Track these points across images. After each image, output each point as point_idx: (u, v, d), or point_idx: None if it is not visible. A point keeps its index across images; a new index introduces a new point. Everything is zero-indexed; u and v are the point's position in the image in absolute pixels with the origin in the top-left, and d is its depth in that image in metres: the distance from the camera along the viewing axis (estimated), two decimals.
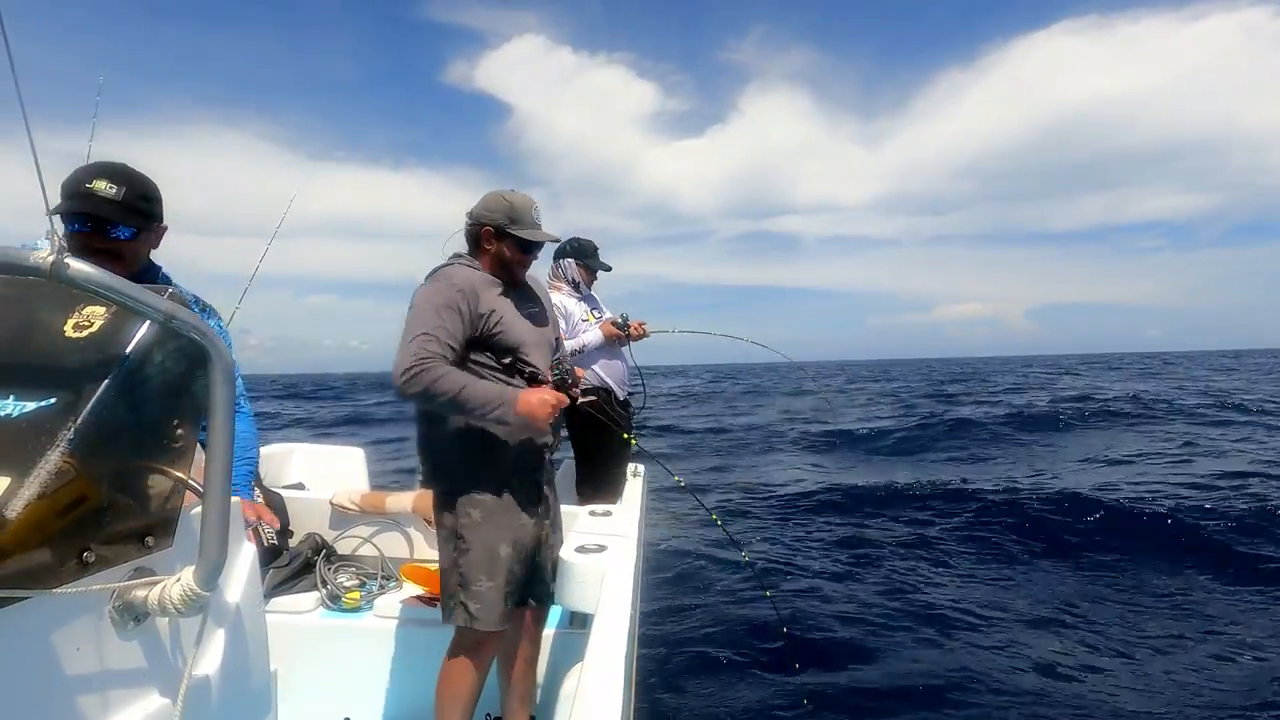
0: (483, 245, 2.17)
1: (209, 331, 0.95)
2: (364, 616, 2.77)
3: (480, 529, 2.05)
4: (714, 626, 4.70)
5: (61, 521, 0.87)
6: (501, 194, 2.17)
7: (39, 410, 0.91)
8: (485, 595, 2.03)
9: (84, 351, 0.99)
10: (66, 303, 1.03)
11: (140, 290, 0.89)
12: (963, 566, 5.97)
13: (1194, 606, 4.86)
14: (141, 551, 1.00)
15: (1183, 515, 6.64)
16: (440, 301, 1.98)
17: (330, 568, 2.98)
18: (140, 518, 1.00)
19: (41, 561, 0.85)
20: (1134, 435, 12.84)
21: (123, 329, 1.01)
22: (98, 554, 0.92)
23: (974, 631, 4.52)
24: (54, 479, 0.86)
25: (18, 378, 0.94)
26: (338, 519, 3.27)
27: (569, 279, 3.72)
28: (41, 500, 0.84)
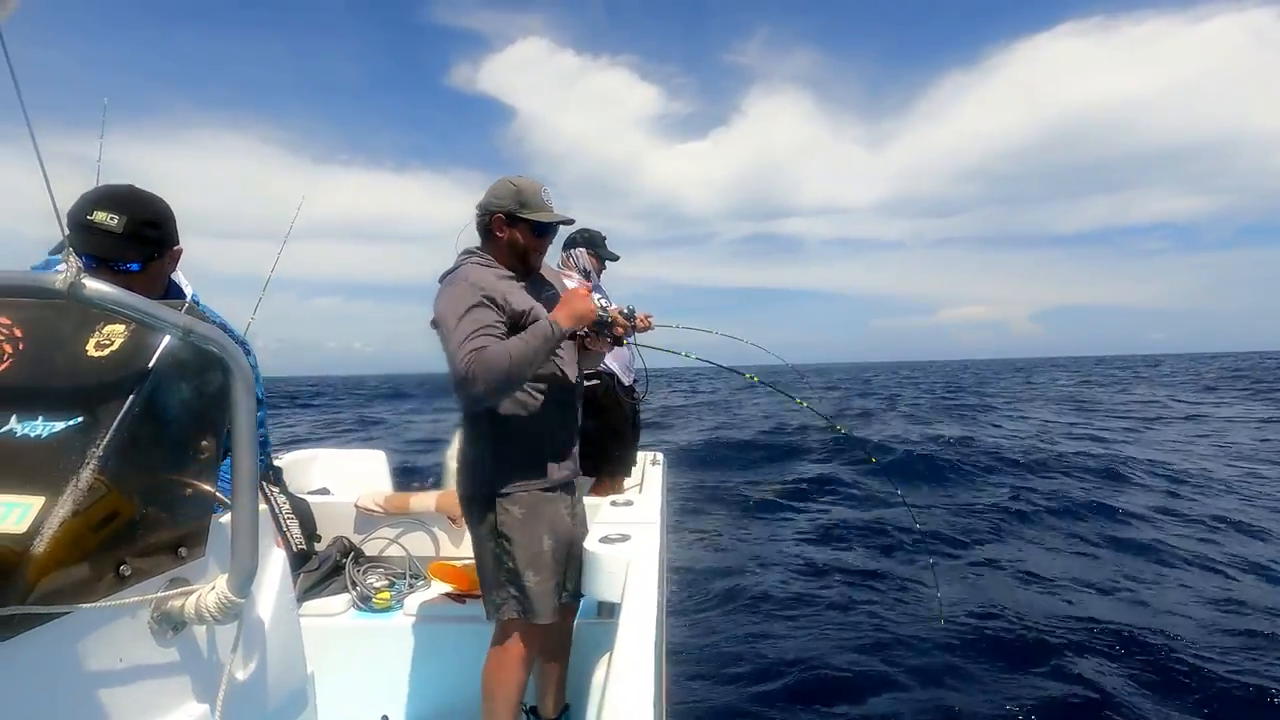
0: (494, 234, 2.11)
1: (227, 343, 0.96)
2: (395, 616, 2.80)
3: (523, 525, 2.05)
4: (744, 610, 4.73)
5: (97, 537, 0.89)
6: (509, 179, 2.12)
7: (67, 429, 0.92)
8: (535, 590, 2.04)
9: (107, 369, 1.00)
10: (87, 322, 1.05)
11: (157, 306, 0.90)
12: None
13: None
14: (176, 562, 1.02)
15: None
16: (465, 304, 1.94)
17: (359, 569, 3.02)
18: (172, 529, 1.02)
19: (80, 576, 0.87)
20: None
21: (143, 345, 1.02)
22: (134, 567, 0.94)
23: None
24: (86, 496, 0.87)
25: (45, 399, 0.96)
26: (363, 521, 3.31)
27: (580, 267, 3.78)
28: (76, 517, 0.85)
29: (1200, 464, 9.78)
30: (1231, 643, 3.97)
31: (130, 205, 1.56)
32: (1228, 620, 4.30)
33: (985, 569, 5.44)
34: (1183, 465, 9.56)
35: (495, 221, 2.10)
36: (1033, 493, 7.69)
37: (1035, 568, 5.35)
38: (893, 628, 4.36)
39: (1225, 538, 6.13)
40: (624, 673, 1.32)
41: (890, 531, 6.35)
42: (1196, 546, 5.81)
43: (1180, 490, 8.10)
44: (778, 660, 3.97)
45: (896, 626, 4.39)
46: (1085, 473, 8.83)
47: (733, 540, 6.47)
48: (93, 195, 1.56)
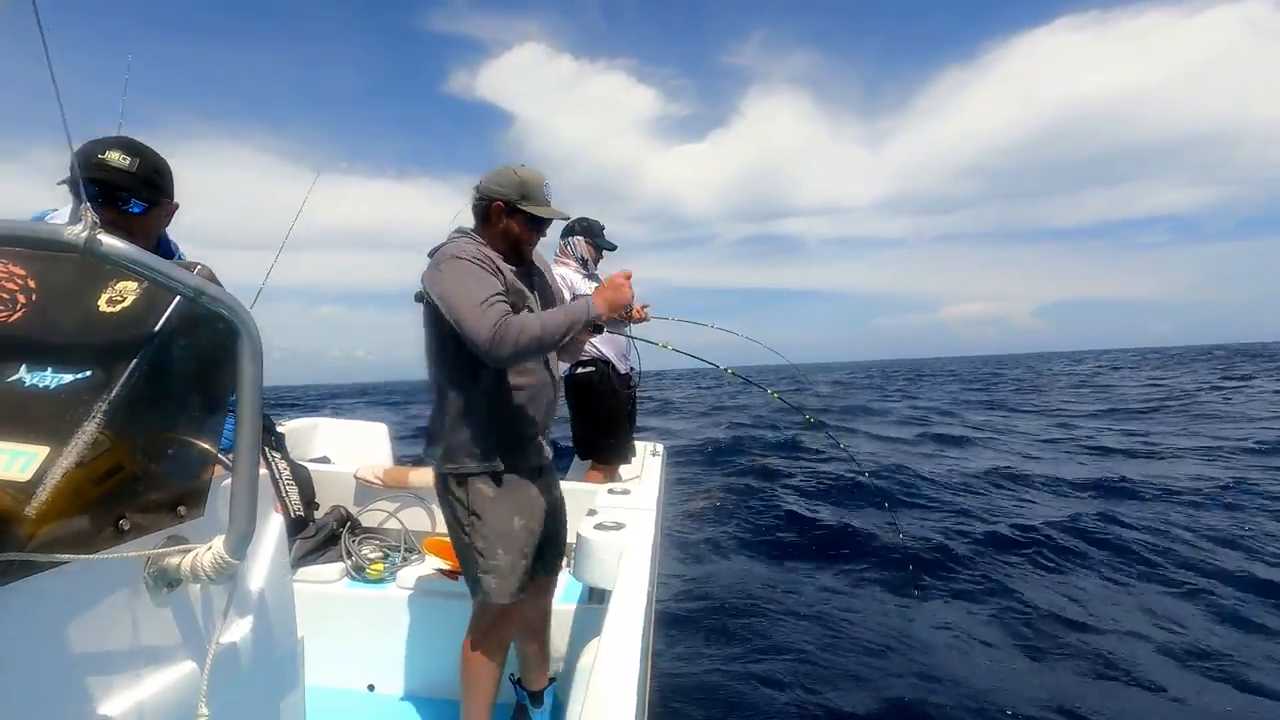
0: (491, 220, 2.12)
1: (238, 306, 0.97)
2: (387, 587, 2.83)
3: (493, 505, 2.07)
4: (732, 599, 4.75)
5: (98, 490, 0.90)
6: (513, 169, 2.12)
7: (76, 382, 0.93)
8: (503, 570, 2.07)
9: (118, 326, 1.01)
10: (100, 278, 1.06)
11: (170, 266, 0.91)
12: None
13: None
14: (174, 520, 1.04)
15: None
16: (471, 271, 1.96)
17: (355, 540, 3.05)
18: (173, 488, 1.03)
19: (79, 528, 0.88)
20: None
21: (155, 303, 1.03)
22: (133, 522, 0.95)
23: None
24: (91, 449, 0.88)
25: (55, 351, 0.97)
26: (362, 492, 3.33)
27: (577, 256, 3.81)
28: (79, 469, 0.86)
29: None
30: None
31: (142, 150, 1.64)
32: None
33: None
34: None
35: (495, 208, 2.10)
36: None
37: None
38: (879, 615, 4.39)
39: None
40: (611, 657, 1.33)
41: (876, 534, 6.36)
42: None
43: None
44: (763, 649, 4.00)
45: (883, 614, 4.42)
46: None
47: (725, 531, 6.49)
48: (104, 139, 1.61)
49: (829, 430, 4.12)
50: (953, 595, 4.81)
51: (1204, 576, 5.05)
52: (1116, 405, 18.38)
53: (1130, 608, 4.58)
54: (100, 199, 1.56)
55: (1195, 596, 4.70)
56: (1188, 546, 5.72)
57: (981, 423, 15.36)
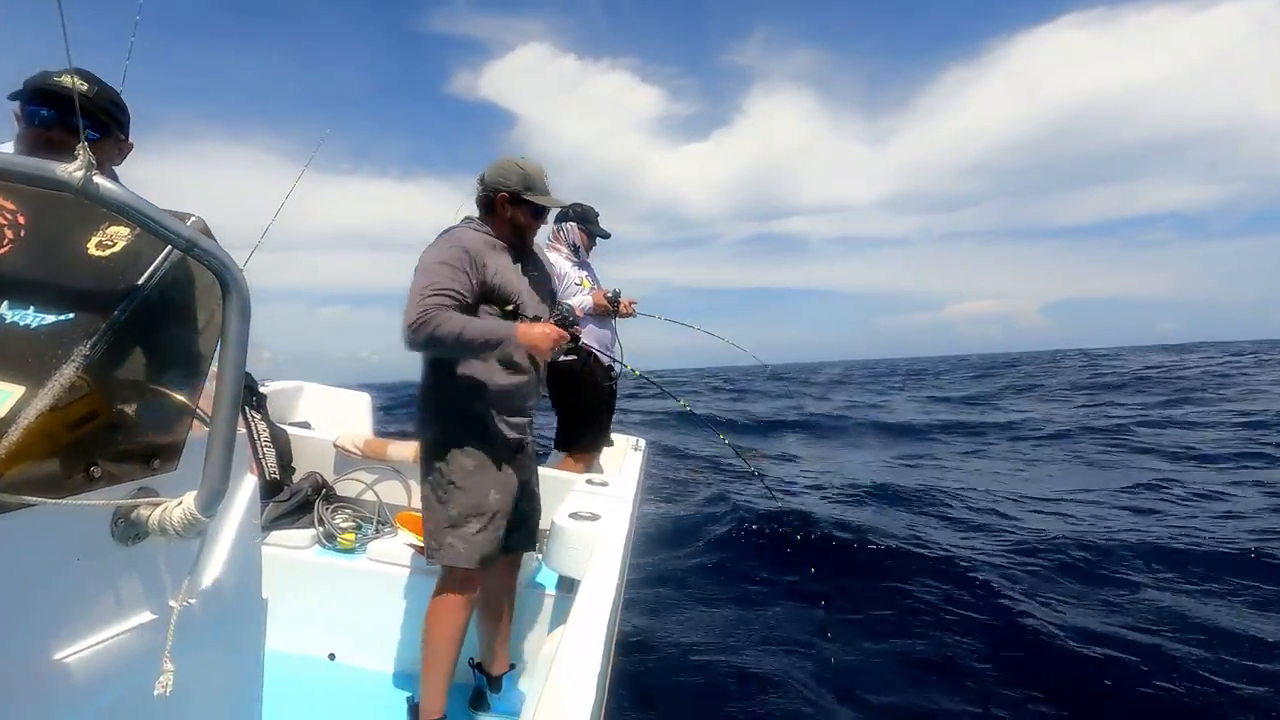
0: (497, 210, 2.22)
1: (229, 260, 0.95)
2: (357, 558, 2.82)
3: (472, 476, 2.15)
4: (698, 589, 4.79)
5: (71, 435, 0.89)
6: (515, 160, 2.22)
7: (58, 324, 0.92)
8: (474, 537, 2.13)
9: (105, 271, 0.99)
10: (90, 220, 1.04)
11: (164, 214, 0.89)
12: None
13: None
14: (147, 472, 1.02)
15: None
16: (444, 258, 2.07)
17: (328, 508, 3.03)
18: (148, 439, 1.02)
19: (50, 471, 0.86)
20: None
21: (144, 252, 1.01)
22: (104, 470, 0.94)
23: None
24: (67, 393, 0.87)
25: (40, 291, 0.96)
26: (340, 461, 3.32)
27: (569, 242, 3.79)
28: (54, 412, 0.85)
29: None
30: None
31: (100, 81, 1.62)
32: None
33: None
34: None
35: (500, 199, 2.20)
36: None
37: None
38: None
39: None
40: (574, 647, 1.34)
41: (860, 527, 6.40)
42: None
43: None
44: (726, 647, 4.02)
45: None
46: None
47: (697, 529, 6.52)
48: (62, 69, 1.56)
49: (712, 423, 4.16)
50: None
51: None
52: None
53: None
54: (55, 119, 1.51)
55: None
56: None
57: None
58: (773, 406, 15.01)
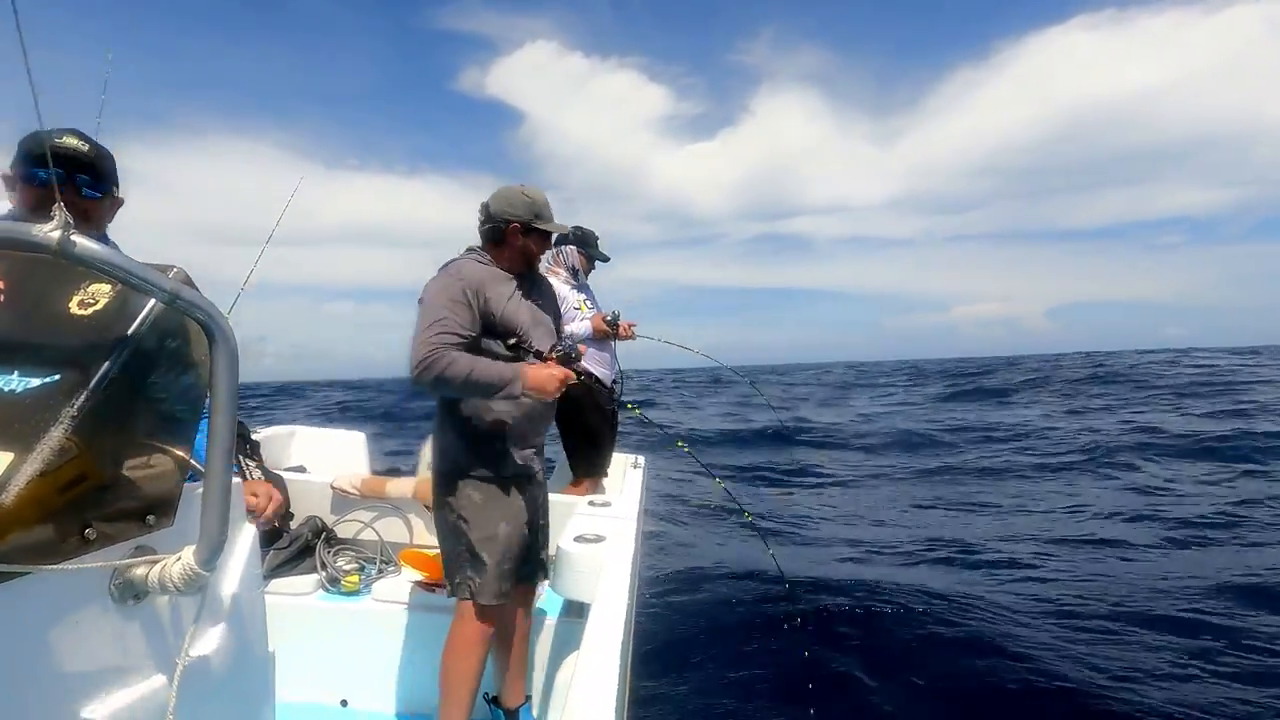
0: (508, 241, 2.24)
1: (214, 310, 0.95)
2: (362, 600, 2.78)
3: (481, 509, 2.15)
4: (711, 610, 4.73)
5: (63, 498, 0.87)
6: (520, 190, 2.24)
7: (43, 387, 0.91)
8: (489, 570, 2.12)
9: (89, 329, 0.99)
10: (71, 279, 1.03)
11: (145, 269, 0.89)
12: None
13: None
14: (143, 530, 1.01)
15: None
16: (448, 295, 2.08)
17: (330, 551, 2.99)
18: (142, 496, 1.00)
19: (43, 537, 0.85)
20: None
21: (128, 307, 1.01)
22: (99, 531, 0.92)
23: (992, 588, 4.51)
24: (56, 456, 0.86)
25: (23, 354, 0.94)
26: (338, 502, 3.28)
27: (568, 265, 3.79)
28: (44, 477, 0.84)
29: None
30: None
31: (95, 142, 1.65)
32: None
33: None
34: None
35: (511, 230, 2.22)
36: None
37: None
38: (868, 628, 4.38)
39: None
40: (589, 673, 1.32)
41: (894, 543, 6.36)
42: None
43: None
44: (747, 663, 3.97)
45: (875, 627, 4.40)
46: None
47: (704, 541, 6.48)
48: (56, 130, 1.59)
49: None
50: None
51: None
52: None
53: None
54: (60, 181, 1.53)
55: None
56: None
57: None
58: (774, 417, 14.70)
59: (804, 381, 43.87)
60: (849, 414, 18.08)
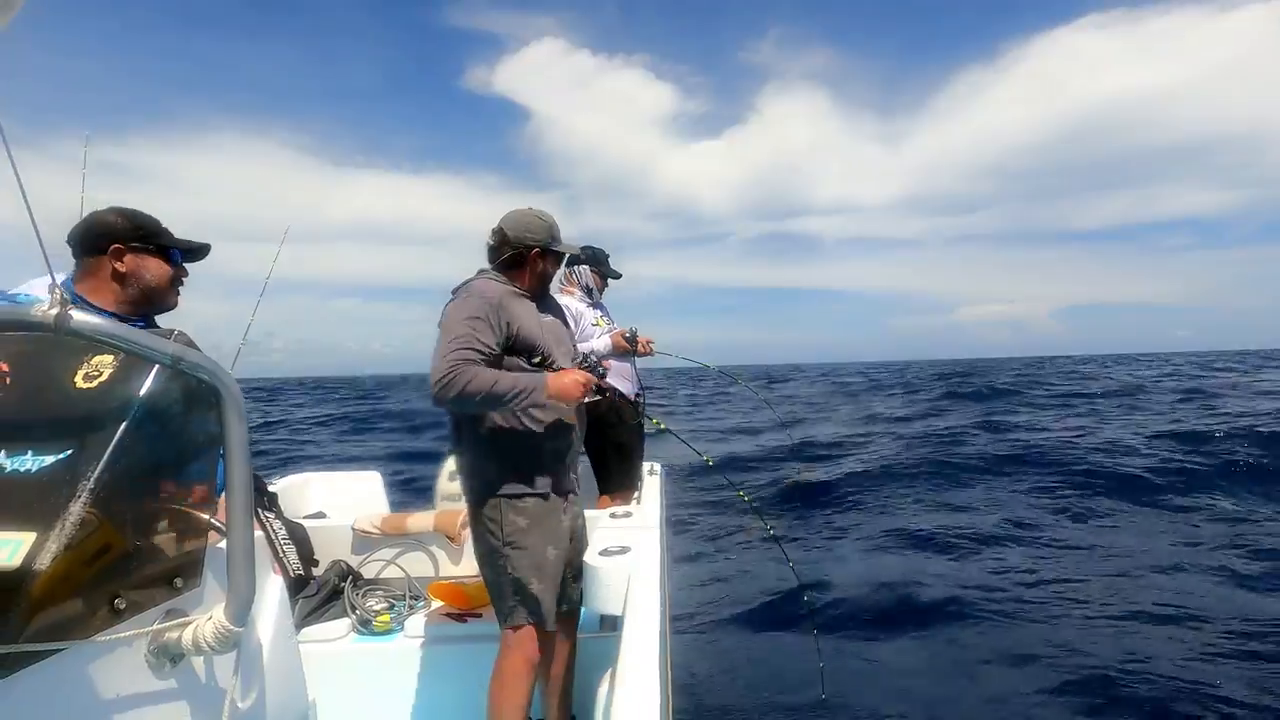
0: (530, 265, 2.25)
1: (217, 369, 0.95)
2: (396, 638, 2.77)
3: (528, 534, 2.11)
4: (745, 615, 4.70)
5: (89, 571, 0.88)
6: (536, 214, 2.26)
7: (57, 463, 0.91)
8: (538, 597, 2.09)
9: (96, 401, 0.99)
10: (74, 353, 1.04)
11: (145, 336, 0.90)
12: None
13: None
14: (171, 593, 1.01)
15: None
16: (469, 313, 2.06)
17: (358, 593, 2.99)
18: (166, 560, 1.01)
19: (74, 612, 0.85)
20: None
21: (132, 375, 1.01)
22: (128, 600, 0.93)
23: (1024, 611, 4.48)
24: (78, 530, 0.86)
25: (34, 433, 0.95)
26: (361, 544, 3.28)
27: (583, 284, 3.83)
28: (68, 552, 0.84)
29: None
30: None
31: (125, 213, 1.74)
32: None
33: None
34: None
35: (533, 256, 2.24)
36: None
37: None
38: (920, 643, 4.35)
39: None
40: (629, 686, 1.31)
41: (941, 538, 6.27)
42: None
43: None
44: (787, 670, 3.95)
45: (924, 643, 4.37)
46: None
47: (733, 548, 6.45)
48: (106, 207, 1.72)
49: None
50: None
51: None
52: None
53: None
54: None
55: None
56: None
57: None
58: (786, 434, 14.09)
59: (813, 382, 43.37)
60: (868, 422, 17.71)
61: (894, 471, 9.58)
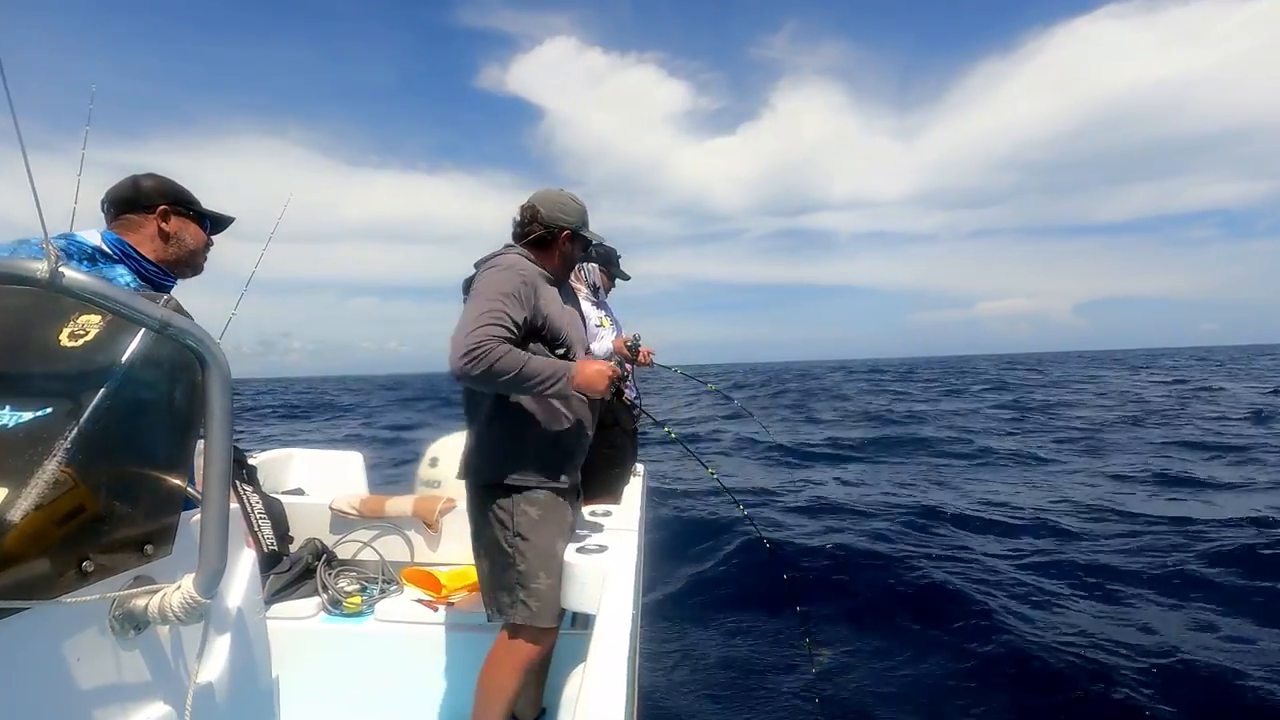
0: (559, 247, 2.20)
1: (205, 337, 0.94)
2: (365, 621, 2.76)
3: (539, 527, 2.04)
4: (718, 617, 4.71)
5: (60, 531, 0.87)
6: (570, 196, 2.21)
7: (36, 420, 0.90)
8: (546, 593, 2.02)
9: (80, 361, 0.98)
10: (61, 312, 1.03)
11: (135, 298, 0.89)
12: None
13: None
14: (141, 560, 1.00)
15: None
16: (505, 288, 1.96)
17: (331, 573, 2.98)
18: (139, 526, 1.00)
19: (41, 571, 0.84)
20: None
21: (118, 337, 1.00)
22: (97, 563, 0.92)
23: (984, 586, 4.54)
24: (52, 489, 0.85)
25: (14, 388, 0.94)
26: (338, 524, 3.26)
27: (590, 282, 3.81)
28: (39, 510, 0.83)
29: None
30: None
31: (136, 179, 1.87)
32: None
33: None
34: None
35: (564, 237, 2.18)
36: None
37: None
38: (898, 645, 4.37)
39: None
40: (597, 687, 1.31)
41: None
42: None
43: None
44: (753, 672, 3.96)
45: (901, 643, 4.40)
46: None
47: (710, 550, 6.46)
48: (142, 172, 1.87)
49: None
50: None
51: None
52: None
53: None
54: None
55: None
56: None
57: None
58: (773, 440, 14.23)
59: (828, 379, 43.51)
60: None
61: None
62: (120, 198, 1.82)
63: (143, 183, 1.83)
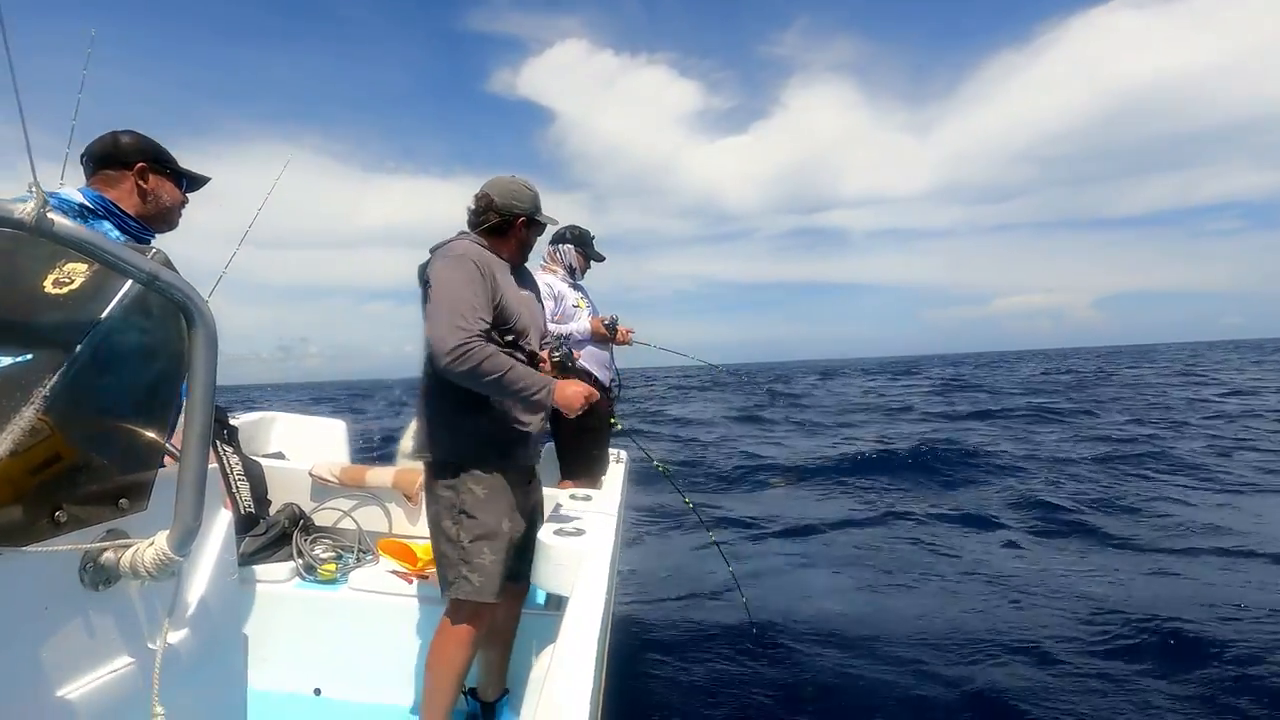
0: (515, 233, 2.23)
1: (193, 292, 0.93)
2: (339, 589, 2.76)
3: (484, 504, 2.10)
4: (687, 609, 4.75)
5: (34, 479, 0.86)
6: (523, 183, 2.24)
7: (15, 366, 0.89)
8: (488, 568, 2.07)
9: (63, 309, 0.97)
10: (47, 258, 1.01)
11: (123, 249, 0.87)
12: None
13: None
14: (115, 514, 0.99)
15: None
16: (466, 277, 2.02)
17: (307, 539, 2.97)
18: (115, 479, 0.99)
19: (12, 519, 0.83)
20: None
21: (104, 287, 0.99)
22: (70, 514, 0.91)
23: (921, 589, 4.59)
24: (28, 436, 0.84)
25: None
26: (317, 490, 3.26)
27: (566, 264, 3.81)
28: (14, 457, 0.82)
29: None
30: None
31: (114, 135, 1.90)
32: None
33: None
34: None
35: (519, 223, 2.22)
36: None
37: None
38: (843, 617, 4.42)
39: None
40: (565, 668, 1.32)
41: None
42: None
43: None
44: (724, 656, 4.00)
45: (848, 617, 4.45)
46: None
47: (684, 537, 6.50)
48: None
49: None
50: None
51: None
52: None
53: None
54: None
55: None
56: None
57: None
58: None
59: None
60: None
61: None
62: (100, 153, 1.84)
63: (122, 139, 1.86)
